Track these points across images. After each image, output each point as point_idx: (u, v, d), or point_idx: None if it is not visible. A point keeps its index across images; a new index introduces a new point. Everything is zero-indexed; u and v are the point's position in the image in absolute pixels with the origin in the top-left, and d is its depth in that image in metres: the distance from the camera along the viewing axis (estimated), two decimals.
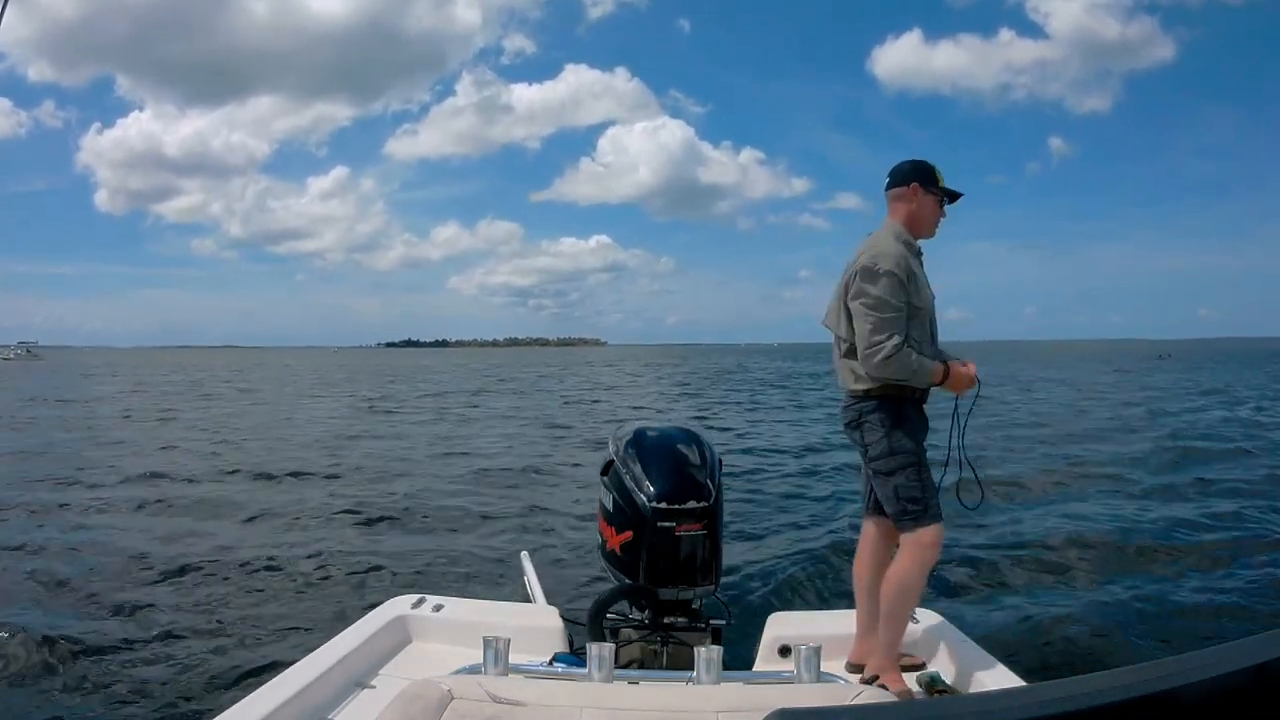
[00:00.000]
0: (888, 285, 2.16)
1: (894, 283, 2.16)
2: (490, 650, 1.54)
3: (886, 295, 2.16)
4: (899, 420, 2.21)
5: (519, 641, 1.75)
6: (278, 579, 5.15)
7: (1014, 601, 4.64)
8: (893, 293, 2.16)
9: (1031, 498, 7.47)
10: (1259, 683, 0.53)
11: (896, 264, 2.18)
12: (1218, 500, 7.21)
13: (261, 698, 1.73)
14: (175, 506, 7.51)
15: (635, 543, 2.13)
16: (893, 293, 2.16)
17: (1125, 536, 5.99)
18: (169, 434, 14.07)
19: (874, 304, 2.16)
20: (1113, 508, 6.96)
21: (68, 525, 6.65)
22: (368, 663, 2.10)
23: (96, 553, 5.76)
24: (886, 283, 2.16)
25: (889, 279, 2.17)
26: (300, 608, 4.55)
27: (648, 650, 2.12)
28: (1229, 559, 5.29)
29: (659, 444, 2.29)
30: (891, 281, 2.16)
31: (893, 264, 2.18)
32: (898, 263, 2.18)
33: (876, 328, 2.14)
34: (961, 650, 2.18)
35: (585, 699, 1.33)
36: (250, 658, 3.80)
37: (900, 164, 2.37)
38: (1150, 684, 0.53)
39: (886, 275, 2.17)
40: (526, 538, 5.89)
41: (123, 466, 9.93)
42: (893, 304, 2.16)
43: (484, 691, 1.27)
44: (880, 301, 2.16)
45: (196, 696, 3.39)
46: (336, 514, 7.13)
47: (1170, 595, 4.71)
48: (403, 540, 6.19)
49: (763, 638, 2.33)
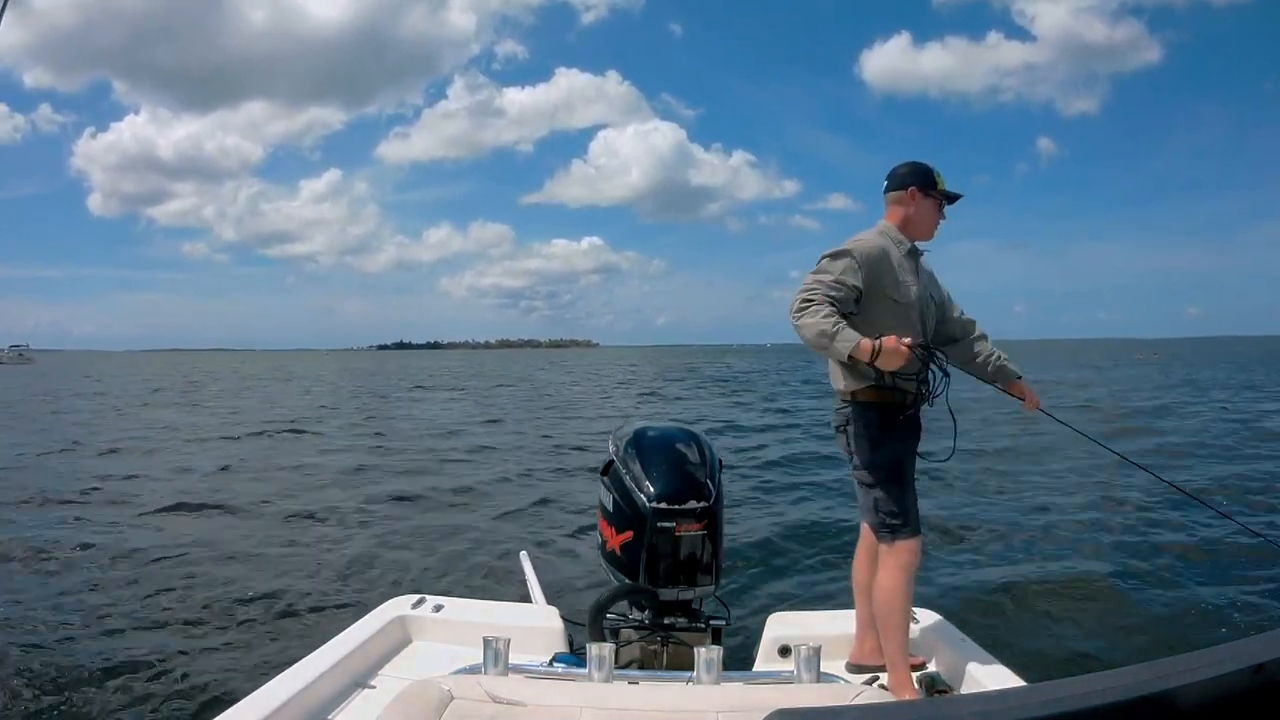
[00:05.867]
0: (835, 262, 2.10)
1: (847, 262, 2.10)
2: (490, 650, 1.54)
3: (828, 268, 2.09)
4: (886, 429, 2.16)
5: (519, 641, 1.75)
6: (278, 579, 5.14)
7: (1014, 602, 4.64)
8: (838, 269, 2.09)
9: (1029, 498, 7.47)
10: (1258, 683, 0.53)
11: (856, 245, 2.13)
12: (1215, 499, 7.21)
13: (261, 698, 1.72)
14: (175, 506, 7.51)
15: (635, 543, 2.13)
16: (838, 269, 2.09)
17: (1123, 537, 5.99)
18: (169, 433, 14.07)
19: (812, 274, 2.10)
20: (1112, 508, 6.96)
21: (68, 525, 6.65)
22: (368, 663, 2.10)
23: (95, 552, 5.76)
24: (836, 260, 2.10)
25: (840, 256, 2.11)
26: (300, 608, 4.54)
27: (648, 650, 2.11)
28: (1229, 558, 5.29)
29: (659, 444, 2.28)
30: (845, 261, 2.10)
31: (852, 244, 2.13)
32: (859, 246, 2.13)
33: (802, 289, 2.06)
34: (961, 650, 2.18)
35: (585, 699, 1.33)
36: (250, 658, 3.80)
37: (898, 167, 2.31)
38: (1150, 684, 0.53)
39: (840, 253, 2.11)
40: (526, 538, 5.89)
41: (120, 466, 9.93)
42: (832, 277, 2.07)
43: (484, 691, 1.27)
44: (819, 272, 2.10)
45: (197, 696, 3.39)
46: (336, 514, 7.13)
47: (1170, 595, 4.72)
48: (403, 540, 6.19)
49: (763, 638, 2.34)
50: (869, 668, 2.24)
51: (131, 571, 5.28)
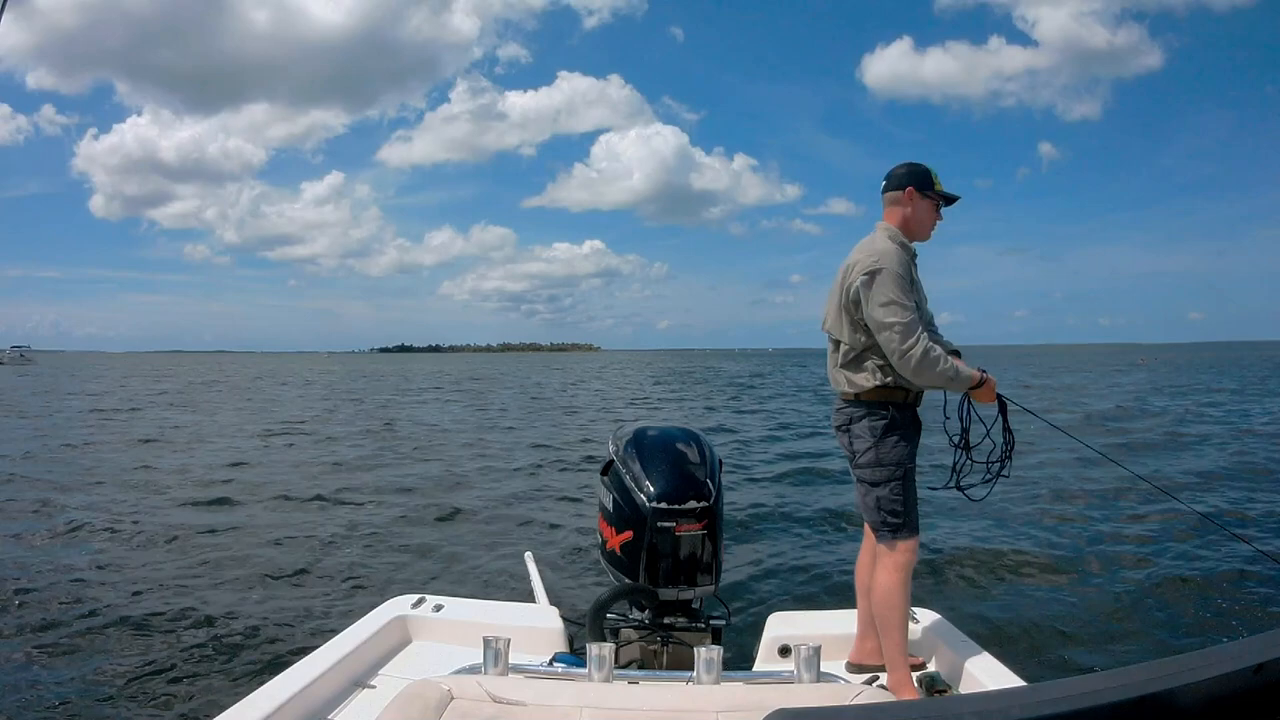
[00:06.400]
0: (897, 287, 2.10)
1: (902, 283, 2.12)
2: (490, 650, 1.54)
3: (899, 298, 2.09)
4: (889, 429, 2.16)
5: (519, 641, 1.75)
6: (278, 579, 5.14)
7: (1014, 601, 4.64)
8: (904, 293, 2.11)
9: (1027, 498, 7.47)
10: (1258, 683, 0.53)
11: (899, 263, 2.14)
12: (1212, 497, 7.22)
13: (261, 698, 1.72)
14: (176, 506, 7.52)
15: (635, 543, 2.13)
16: (904, 293, 2.11)
17: (1124, 536, 5.99)
18: (169, 431, 14.07)
19: (892, 309, 2.09)
20: (1110, 507, 6.96)
21: (68, 523, 6.65)
22: (368, 663, 2.10)
23: (92, 551, 5.77)
24: (895, 285, 2.10)
25: (896, 281, 2.11)
26: (300, 608, 4.54)
27: (648, 650, 2.11)
28: (1227, 558, 5.29)
29: (659, 444, 2.28)
30: (900, 282, 2.11)
31: (895, 263, 2.14)
32: (900, 262, 2.15)
33: (905, 333, 2.06)
34: (961, 650, 2.18)
35: (585, 699, 1.32)
36: (250, 658, 3.80)
37: (895, 168, 2.32)
38: (1150, 684, 0.53)
39: (892, 277, 2.11)
40: (526, 538, 5.89)
41: (119, 465, 9.93)
42: (908, 305, 2.10)
43: (484, 691, 1.27)
44: (898, 306, 2.09)
45: (197, 696, 3.39)
46: (337, 514, 7.13)
47: (1169, 595, 4.71)
48: (403, 540, 6.19)
49: (763, 638, 2.33)
50: (869, 667, 2.24)
51: (130, 571, 5.28)
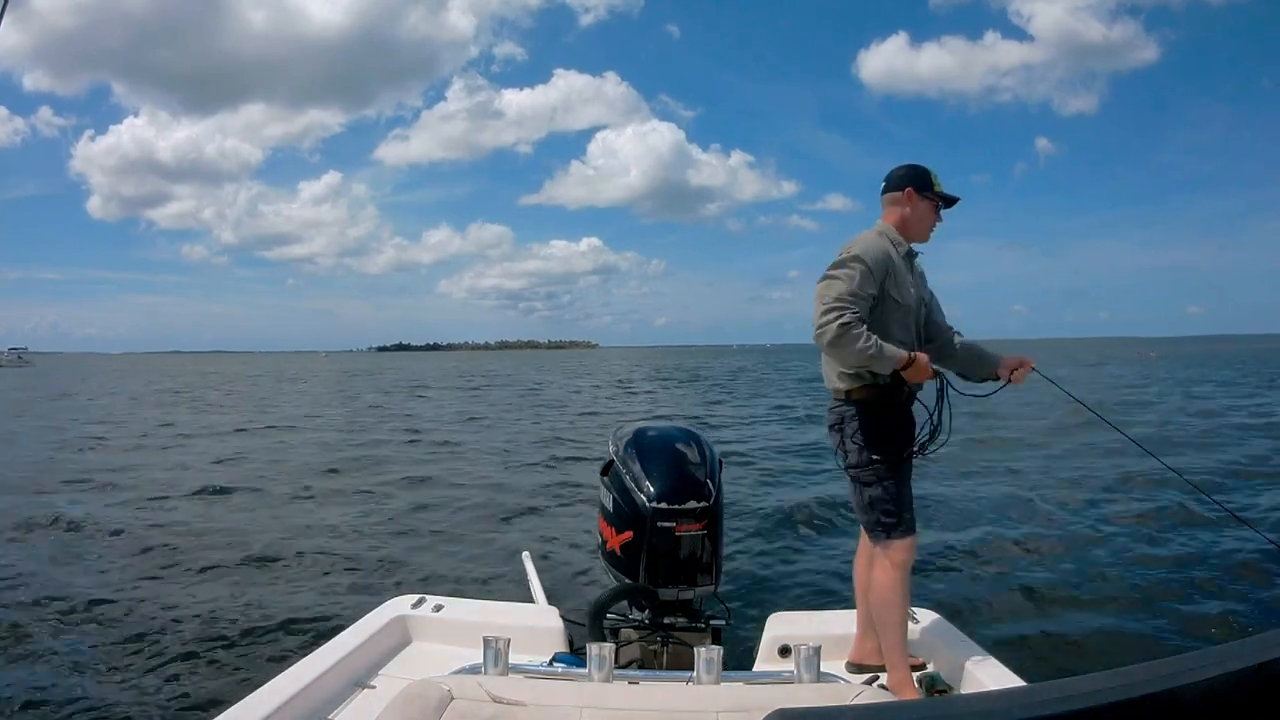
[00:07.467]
0: (850, 271, 2.09)
1: (860, 270, 2.09)
2: (490, 650, 1.54)
3: (844, 279, 2.07)
4: (882, 427, 2.16)
5: (519, 641, 1.75)
6: (278, 579, 5.14)
7: (1014, 601, 4.64)
8: (856, 280, 2.07)
9: (1027, 497, 7.46)
10: (1259, 683, 0.53)
11: (866, 252, 2.12)
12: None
13: (261, 698, 1.72)
14: (175, 507, 7.51)
15: (635, 543, 2.13)
16: (856, 280, 2.07)
17: (1121, 537, 5.99)
18: (170, 431, 14.07)
19: (825, 284, 2.09)
20: (1110, 508, 6.95)
21: (67, 523, 6.65)
22: (368, 663, 2.10)
23: (87, 550, 5.77)
24: (850, 269, 2.09)
25: (855, 264, 2.09)
26: (300, 608, 4.54)
27: (648, 650, 2.11)
28: (1226, 558, 5.28)
29: (659, 444, 2.28)
30: (858, 268, 2.09)
31: (862, 250, 2.12)
32: (869, 252, 2.13)
33: (827, 308, 2.04)
34: (961, 650, 2.17)
35: (585, 699, 1.33)
36: (250, 658, 3.80)
37: (895, 168, 2.33)
38: (1150, 684, 0.53)
39: (853, 261, 2.10)
40: (526, 538, 5.88)
41: (116, 466, 9.93)
42: (845, 283, 2.06)
43: (484, 691, 1.27)
44: (831, 280, 2.08)
45: (197, 696, 3.39)
46: (336, 513, 7.13)
47: (1170, 595, 4.71)
48: (403, 540, 6.19)
49: (763, 638, 2.33)
50: (869, 668, 2.23)
51: (128, 571, 5.28)
